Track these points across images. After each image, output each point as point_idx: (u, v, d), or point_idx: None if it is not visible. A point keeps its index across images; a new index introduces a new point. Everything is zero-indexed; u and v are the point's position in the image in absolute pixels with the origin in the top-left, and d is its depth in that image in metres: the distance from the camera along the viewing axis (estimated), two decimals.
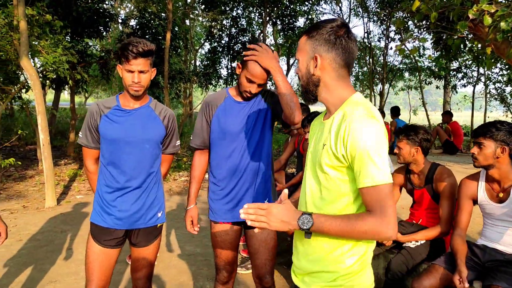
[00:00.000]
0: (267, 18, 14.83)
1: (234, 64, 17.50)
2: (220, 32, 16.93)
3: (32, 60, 8.45)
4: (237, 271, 3.97)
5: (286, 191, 1.52)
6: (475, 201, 2.69)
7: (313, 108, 5.78)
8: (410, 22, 12.83)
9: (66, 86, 14.24)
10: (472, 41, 6.58)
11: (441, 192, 2.93)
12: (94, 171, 2.44)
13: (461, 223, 2.68)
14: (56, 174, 8.20)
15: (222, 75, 17.62)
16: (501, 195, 2.54)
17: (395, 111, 9.93)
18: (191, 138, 2.57)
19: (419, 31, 11.35)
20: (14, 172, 8.81)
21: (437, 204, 3.02)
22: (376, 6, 16.21)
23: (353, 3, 18.50)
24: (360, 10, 17.67)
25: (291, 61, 20.46)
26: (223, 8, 14.78)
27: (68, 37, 11.59)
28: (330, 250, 1.47)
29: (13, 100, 9.94)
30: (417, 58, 15.70)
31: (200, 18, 17.24)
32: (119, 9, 20.48)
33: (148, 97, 2.40)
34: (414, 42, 13.66)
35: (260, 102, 2.45)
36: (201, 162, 2.58)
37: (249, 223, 1.42)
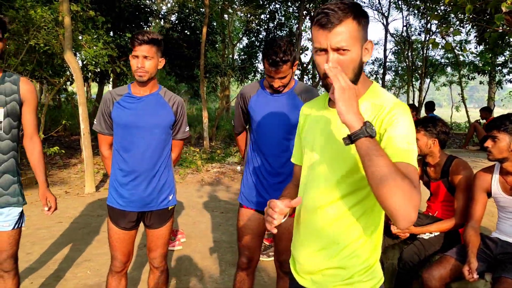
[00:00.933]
0: (305, 12, 14.78)
1: None
2: (258, 27, 17.05)
3: (78, 54, 8.88)
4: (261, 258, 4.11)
5: None
6: (489, 194, 2.69)
7: None
8: (452, 15, 12.46)
9: (110, 80, 14.84)
10: (511, 34, 6.37)
11: (457, 185, 2.93)
12: (108, 156, 2.61)
13: (474, 215, 2.68)
14: (97, 163, 8.62)
15: (259, 69, 17.75)
16: None
17: (430, 106, 9.72)
18: (233, 124, 2.81)
19: (460, 24, 11.02)
20: (59, 160, 9.33)
21: (453, 196, 3.03)
22: None
23: None
24: (400, 2, 17.23)
25: None
26: (260, 2, 14.87)
27: (111, 32, 12.08)
28: (346, 244, 1.41)
29: (60, 93, 10.51)
30: (458, 52, 15.20)
31: (239, 13, 17.43)
32: (161, 5, 21.02)
33: (157, 85, 2.54)
34: (455, 36, 13.24)
35: (294, 98, 2.47)
36: (245, 139, 2.85)
37: (326, 68, 1.27)
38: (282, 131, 2.46)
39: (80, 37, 7.97)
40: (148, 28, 14.23)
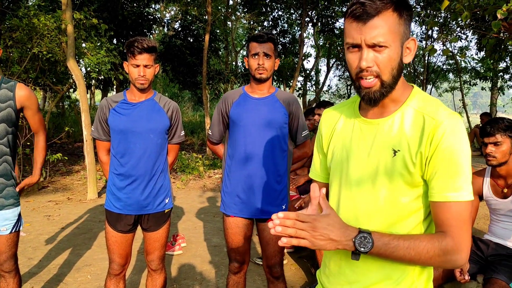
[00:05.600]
0: (307, 19, 14.88)
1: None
2: None
3: (81, 61, 9.00)
4: (258, 262, 4.15)
5: (323, 190, 1.16)
6: (480, 197, 2.73)
7: None
8: (454, 22, 12.52)
9: (114, 87, 14.98)
10: (507, 40, 6.42)
11: None
12: (106, 162, 2.67)
13: None
14: (99, 170, 8.69)
15: None
16: (505, 190, 2.58)
17: None
18: (209, 132, 2.71)
19: (461, 31, 11.08)
20: (62, 167, 9.42)
21: None
22: (416, 5, 15.78)
23: None
24: None
25: (331, 62, 20.49)
26: (263, 9, 14.98)
27: (114, 40, 12.23)
28: (401, 277, 1.20)
29: (63, 100, 10.62)
30: (459, 58, 15.25)
31: (243, 20, 17.58)
32: (164, 12, 21.22)
33: (152, 91, 2.60)
34: (453, 42, 13.29)
35: (276, 103, 2.51)
36: (223, 148, 2.75)
37: (284, 240, 1.08)
38: (262, 132, 2.46)
39: (83, 45, 8.08)
40: (151, 36, 14.37)
